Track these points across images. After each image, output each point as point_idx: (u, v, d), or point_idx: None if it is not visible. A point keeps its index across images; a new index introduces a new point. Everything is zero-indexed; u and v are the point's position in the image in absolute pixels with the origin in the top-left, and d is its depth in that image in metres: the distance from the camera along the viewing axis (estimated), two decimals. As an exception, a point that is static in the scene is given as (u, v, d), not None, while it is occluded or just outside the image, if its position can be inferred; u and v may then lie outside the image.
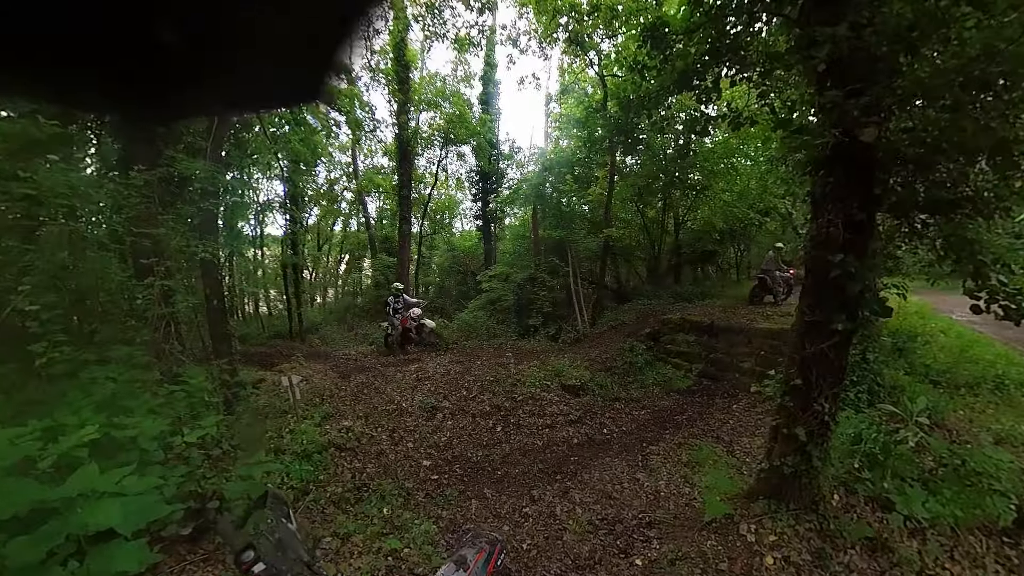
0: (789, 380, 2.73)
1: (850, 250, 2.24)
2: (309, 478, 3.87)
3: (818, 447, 2.69)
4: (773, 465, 2.83)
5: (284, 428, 4.89)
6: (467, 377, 6.82)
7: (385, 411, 6.02)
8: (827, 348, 2.47)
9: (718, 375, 6.61)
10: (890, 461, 3.02)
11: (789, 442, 2.73)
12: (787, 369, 2.80)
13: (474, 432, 5.21)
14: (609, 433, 5.10)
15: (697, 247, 12.33)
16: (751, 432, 5.13)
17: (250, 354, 11.12)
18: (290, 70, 0.25)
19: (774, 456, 2.87)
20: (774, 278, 7.60)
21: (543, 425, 5.20)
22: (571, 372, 6.18)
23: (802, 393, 2.63)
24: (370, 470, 4.35)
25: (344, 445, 4.71)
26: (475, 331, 10.84)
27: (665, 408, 5.85)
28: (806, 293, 2.60)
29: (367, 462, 4.50)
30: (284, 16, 0.21)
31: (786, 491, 2.84)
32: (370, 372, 8.15)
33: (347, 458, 4.52)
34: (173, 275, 4.95)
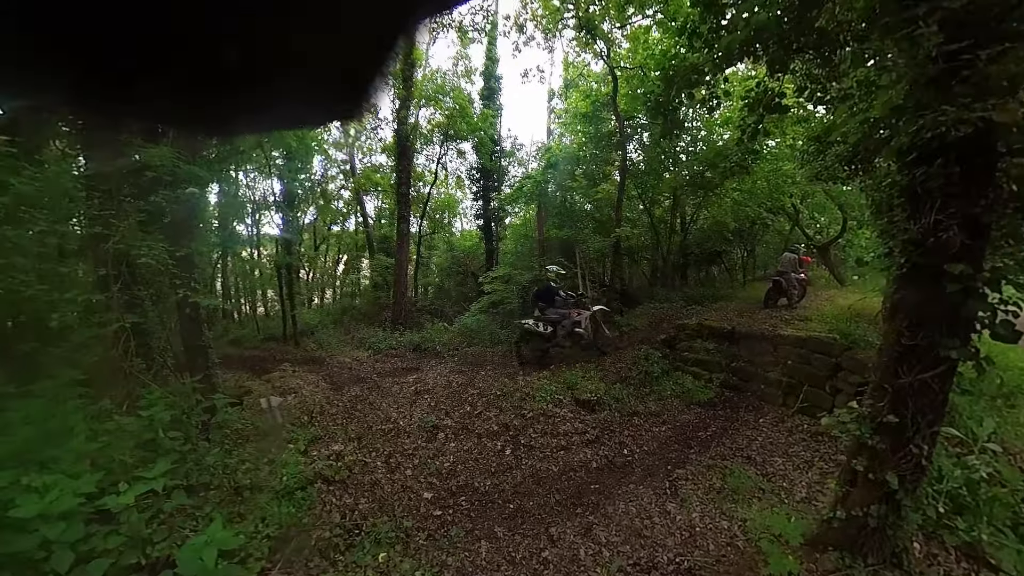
0: (877, 416, 2.25)
1: (966, 258, 1.77)
2: (291, 522, 3.34)
3: (910, 495, 2.22)
4: (851, 514, 2.35)
5: (263, 458, 4.35)
6: (470, 390, 6.31)
7: (381, 431, 5.50)
8: (930, 379, 1.99)
9: (741, 386, 6.14)
10: (980, 503, 2.55)
11: (874, 488, 2.26)
12: (874, 401, 2.32)
13: (481, 456, 4.71)
14: (630, 454, 4.62)
15: (705, 247, 11.87)
16: (783, 452, 4.67)
17: (243, 358, 10.56)
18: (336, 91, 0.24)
19: (852, 503, 2.39)
20: (789, 280, 7.17)
21: (557, 446, 4.70)
22: (584, 384, 5.69)
23: (895, 431, 2.15)
24: (363, 507, 3.82)
25: (333, 477, 4.17)
26: (477, 336, 10.32)
27: (687, 423, 5.37)
28: (900, 311, 2.11)
29: (359, 496, 3.98)
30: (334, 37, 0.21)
31: (864, 543, 2.36)
32: (365, 383, 7.62)
33: (336, 493, 3.98)
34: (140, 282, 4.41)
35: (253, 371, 8.78)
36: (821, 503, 3.65)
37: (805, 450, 4.68)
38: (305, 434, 5.39)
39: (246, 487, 3.76)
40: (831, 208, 11.56)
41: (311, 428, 5.69)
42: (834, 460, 4.33)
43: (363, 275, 22.08)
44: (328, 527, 3.42)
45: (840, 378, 5.10)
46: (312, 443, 5.25)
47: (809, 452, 4.62)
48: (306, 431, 5.49)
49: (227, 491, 3.64)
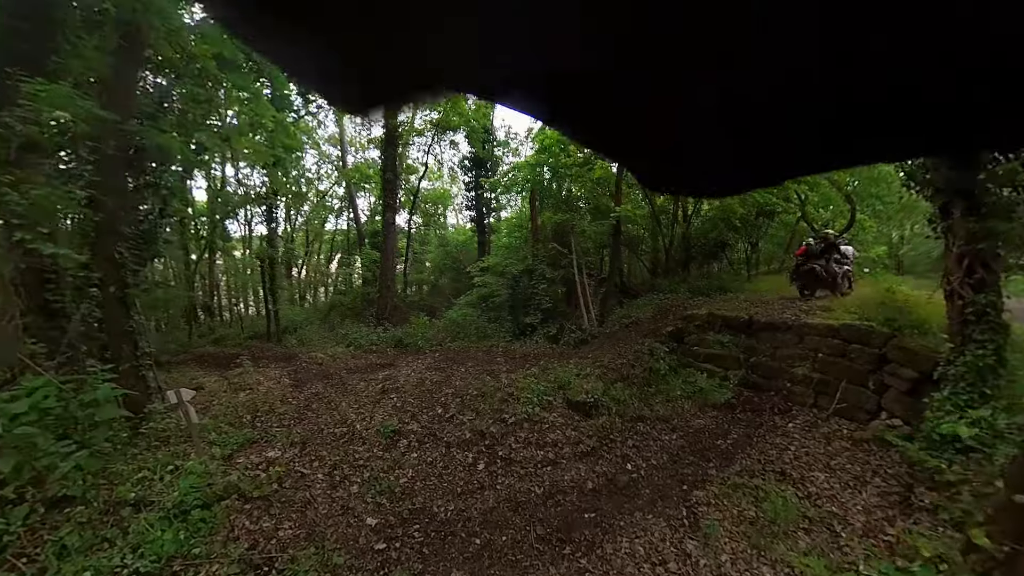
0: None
1: None
2: (174, 553, 2.45)
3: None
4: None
5: (169, 465, 3.46)
6: (445, 389, 5.40)
7: (331, 435, 4.61)
8: None
9: (762, 384, 5.24)
10: None
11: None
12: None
13: (446, 471, 3.79)
14: (635, 470, 3.70)
15: (710, 237, 11.03)
16: (824, 464, 3.77)
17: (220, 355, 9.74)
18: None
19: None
20: (829, 269, 6.16)
21: (543, 460, 3.78)
22: (579, 384, 4.77)
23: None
24: (284, 534, 2.93)
25: (251, 493, 3.27)
26: (463, 331, 9.41)
27: (702, 429, 4.46)
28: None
29: (283, 519, 3.08)
30: None
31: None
32: (331, 380, 6.74)
33: (253, 513, 3.09)
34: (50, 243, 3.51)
35: (225, 368, 7.88)
36: (890, 535, 2.75)
37: (851, 462, 3.78)
38: (238, 436, 4.51)
39: (128, 503, 2.87)
40: (836, 199, 11.00)
41: (248, 429, 4.81)
42: (891, 474, 3.43)
43: (355, 271, 21.36)
44: (226, 562, 2.52)
45: (887, 372, 4.21)
46: (242, 448, 4.37)
47: (857, 464, 3.72)
48: (240, 433, 4.60)
49: (98, 508, 2.76)
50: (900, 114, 0.21)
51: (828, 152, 0.24)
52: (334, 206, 21.17)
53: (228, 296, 20.21)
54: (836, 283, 6.19)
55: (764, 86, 0.20)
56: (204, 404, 5.99)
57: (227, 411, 5.57)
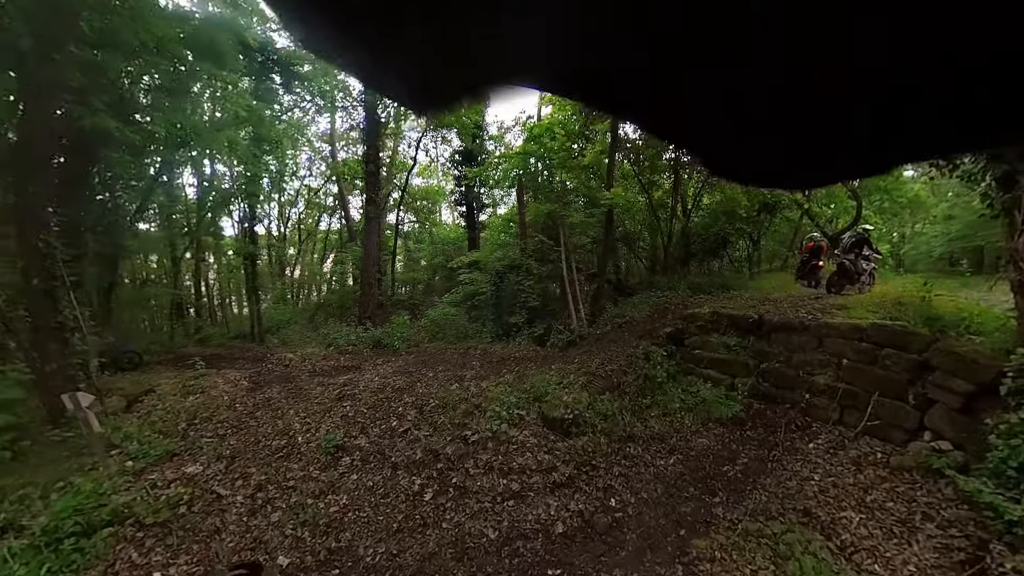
0: None
1: None
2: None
3: None
4: None
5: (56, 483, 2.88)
6: (406, 397, 4.65)
7: (267, 449, 3.96)
8: None
9: (776, 395, 4.47)
10: None
11: None
12: None
13: (386, 500, 3.06)
14: (620, 507, 2.94)
15: (711, 232, 10.33)
16: (857, 501, 3.00)
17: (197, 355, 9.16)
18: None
19: None
20: (857, 265, 5.67)
21: (505, 492, 3.03)
22: (558, 395, 3.98)
23: None
24: (178, 571, 2.28)
25: (147, 518, 2.73)
26: (442, 331, 8.67)
27: (705, 451, 3.70)
28: None
29: (183, 551, 2.47)
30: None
31: None
32: (290, 384, 6.07)
33: (146, 543, 2.58)
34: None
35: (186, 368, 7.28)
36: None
37: (892, 498, 3.01)
38: (159, 448, 4.00)
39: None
40: (840, 197, 10.45)
41: (177, 439, 4.18)
42: (949, 520, 2.66)
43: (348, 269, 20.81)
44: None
45: (932, 383, 3.44)
46: (160, 461, 3.87)
47: (900, 502, 2.95)
48: (159, 444, 4.01)
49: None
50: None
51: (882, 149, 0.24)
52: (327, 204, 20.63)
53: (220, 295, 19.78)
54: (862, 280, 5.62)
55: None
56: (147, 409, 5.40)
57: (164, 417, 5.01)
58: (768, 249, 12.28)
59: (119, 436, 4.40)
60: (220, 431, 4.61)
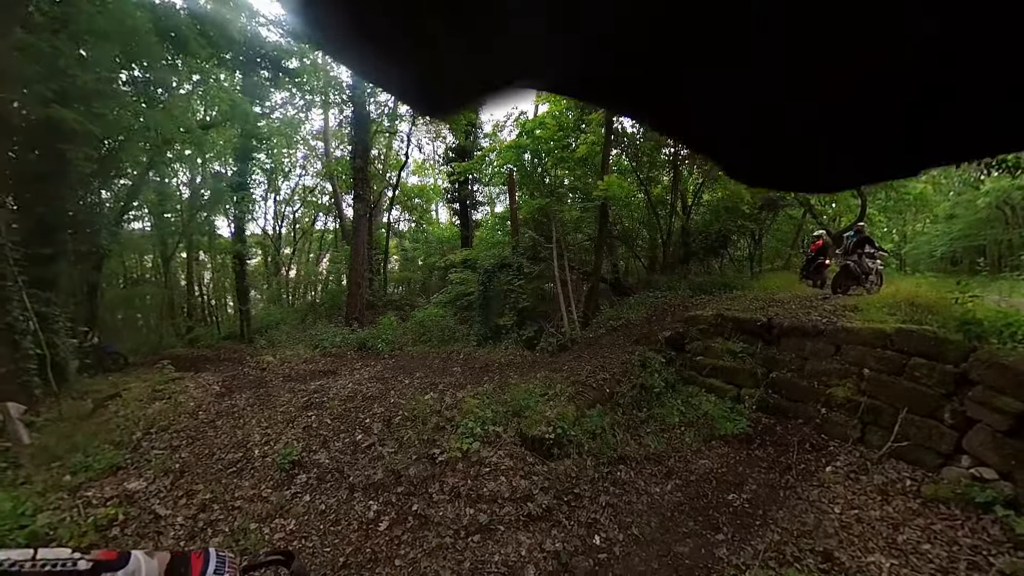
0: None
1: None
2: None
3: None
4: None
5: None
6: (376, 407, 4.21)
7: (220, 463, 3.61)
8: None
9: (788, 408, 4.00)
10: None
11: None
12: None
13: (336, 527, 2.64)
14: (606, 546, 2.48)
15: (712, 229, 9.91)
16: (886, 539, 2.54)
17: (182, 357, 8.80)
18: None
19: None
20: (862, 265, 5.27)
21: (472, 524, 2.56)
22: (540, 409, 3.49)
23: None
24: None
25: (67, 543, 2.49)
26: (428, 333, 8.23)
27: (708, 475, 3.23)
28: None
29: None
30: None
31: None
32: (260, 389, 5.69)
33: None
34: None
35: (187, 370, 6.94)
36: None
37: (927, 537, 2.54)
38: (103, 460, 3.63)
39: None
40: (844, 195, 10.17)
41: (125, 451, 3.85)
42: (999, 568, 2.19)
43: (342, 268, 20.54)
44: None
45: (973, 399, 2.96)
46: (100, 477, 3.47)
47: (938, 544, 2.48)
48: (106, 456, 3.70)
49: None
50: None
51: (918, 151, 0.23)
52: (323, 203, 20.33)
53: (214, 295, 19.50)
54: (870, 280, 5.21)
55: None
56: (107, 417, 5.03)
57: (121, 426, 4.67)
58: (770, 247, 11.99)
59: (65, 446, 4.05)
60: (175, 442, 4.23)
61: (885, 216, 12.90)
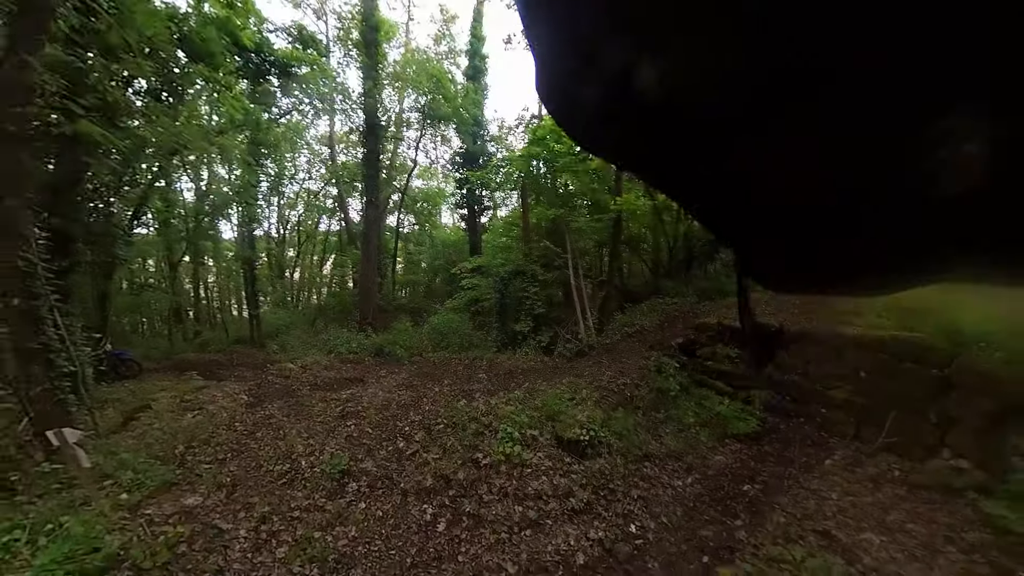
0: None
1: None
2: None
3: None
4: None
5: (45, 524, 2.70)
6: (412, 415, 4.57)
7: (270, 475, 3.81)
8: None
9: (793, 409, 4.42)
10: None
11: None
12: None
13: (397, 531, 2.98)
14: (640, 533, 2.88)
15: (715, 234, 10.17)
16: (876, 521, 2.96)
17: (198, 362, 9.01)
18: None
19: None
20: None
21: (522, 520, 2.96)
22: (572, 413, 3.91)
23: None
24: None
25: (143, 563, 2.53)
26: (446, 339, 8.57)
27: (723, 470, 3.64)
28: None
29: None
30: None
31: None
32: (291, 399, 5.91)
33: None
34: None
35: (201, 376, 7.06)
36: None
37: (912, 518, 2.97)
38: (155, 477, 3.67)
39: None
40: None
41: (174, 466, 3.96)
42: (972, 544, 2.62)
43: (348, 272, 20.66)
44: None
45: (955, 401, 3.39)
46: (155, 493, 3.52)
47: (920, 523, 2.91)
48: (156, 472, 3.74)
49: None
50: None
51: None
52: (327, 206, 20.43)
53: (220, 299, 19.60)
54: None
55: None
56: (143, 429, 5.15)
57: (161, 439, 4.71)
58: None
59: (113, 463, 3.97)
60: (219, 455, 4.38)
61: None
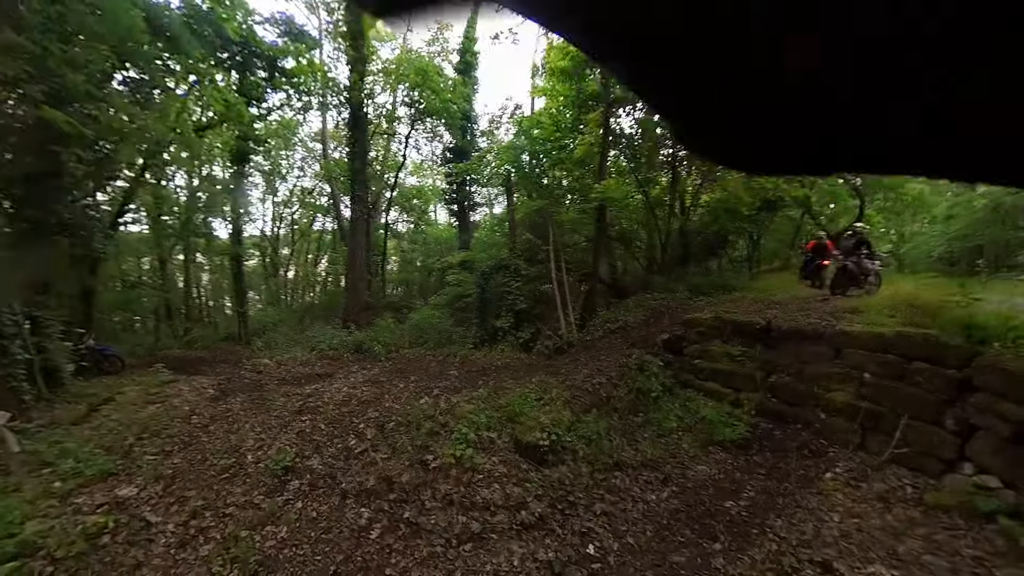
0: None
1: None
2: None
3: None
4: None
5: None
6: (370, 411, 4.16)
7: (213, 468, 3.60)
8: None
9: (787, 413, 3.95)
10: None
11: None
12: None
13: (328, 535, 2.61)
14: (600, 555, 2.43)
15: (710, 231, 9.87)
16: (887, 550, 2.48)
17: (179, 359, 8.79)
18: None
19: None
20: (861, 267, 5.22)
21: (464, 533, 2.52)
22: (535, 415, 3.43)
23: None
24: None
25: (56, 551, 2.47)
26: (425, 335, 8.18)
27: (705, 482, 3.17)
28: None
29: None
30: None
31: None
32: (255, 393, 5.65)
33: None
34: None
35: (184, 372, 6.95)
36: None
37: (929, 548, 2.49)
38: (94, 466, 3.59)
39: None
40: (843, 196, 9.96)
41: (117, 457, 3.85)
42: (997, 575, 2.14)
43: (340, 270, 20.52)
44: None
45: (976, 405, 2.91)
46: (90, 483, 3.43)
47: (941, 555, 2.42)
48: (97, 462, 3.64)
49: None
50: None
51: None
52: (321, 204, 20.34)
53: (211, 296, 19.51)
54: (869, 281, 5.17)
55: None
56: (100, 421, 4.99)
57: (112, 430, 4.62)
58: (768, 248, 11.93)
59: (55, 452, 3.99)
60: (167, 447, 4.19)
61: (883, 217, 12.87)
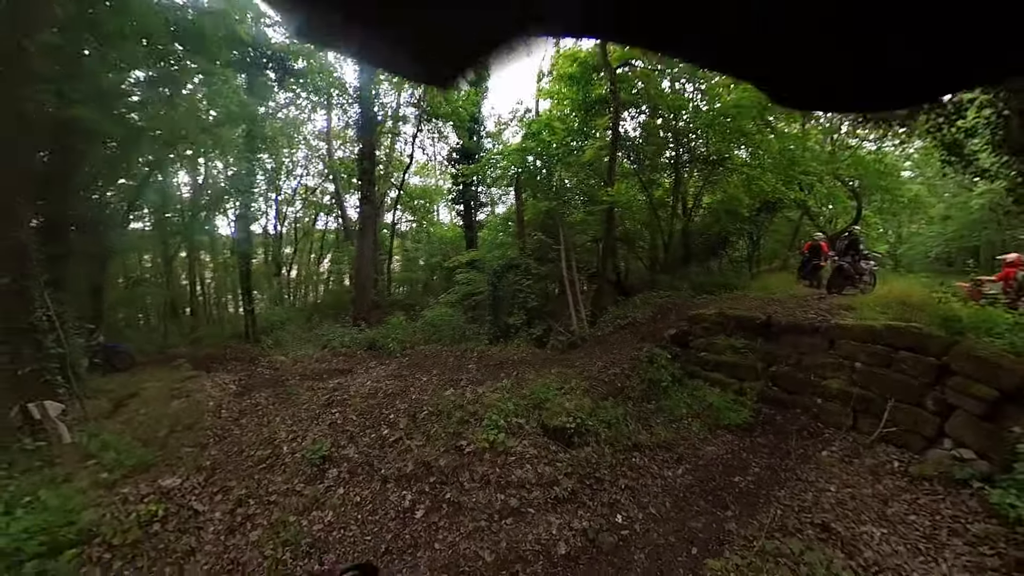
0: None
1: None
2: None
3: None
4: None
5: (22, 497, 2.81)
6: (398, 403, 4.43)
7: (250, 459, 3.77)
8: None
9: (787, 399, 4.30)
10: None
11: None
12: None
13: (374, 516, 2.87)
14: (627, 524, 2.74)
15: (712, 230, 10.23)
16: (877, 513, 2.83)
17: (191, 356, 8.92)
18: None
19: None
20: (856, 266, 5.59)
21: (503, 508, 2.82)
22: (559, 402, 3.77)
23: None
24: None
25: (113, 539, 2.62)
26: (438, 332, 8.45)
27: (715, 461, 3.51)
28: None
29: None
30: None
31: None
32: (279, 388, 5.85)
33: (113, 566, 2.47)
34: None
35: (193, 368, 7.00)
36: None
37: (914, 510, 2.84)
38: (132, 458, 3.76)
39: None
40: (840, 197, 10.24)
41: (154, 449, 3.98)
42: (978, 536, 2.49)
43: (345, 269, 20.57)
44: None
45: (953, 388, 3.27)
46: (133, 473, 3.61)
47: (923, 515, 2.78)
48: (132, 454, 3.82)
49: None
50: None
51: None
52: (324, 203, 20.35)
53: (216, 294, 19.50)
54: (864, 280, 5.54)
55: None
56: (130, 414, 5.17)
57: (145, 424, 4.80)
58: (768, 249, 12.25)
59: (96, 444, 4.17)
60: (202, 439, 4.38)
61: (881, 218, 13.25)
